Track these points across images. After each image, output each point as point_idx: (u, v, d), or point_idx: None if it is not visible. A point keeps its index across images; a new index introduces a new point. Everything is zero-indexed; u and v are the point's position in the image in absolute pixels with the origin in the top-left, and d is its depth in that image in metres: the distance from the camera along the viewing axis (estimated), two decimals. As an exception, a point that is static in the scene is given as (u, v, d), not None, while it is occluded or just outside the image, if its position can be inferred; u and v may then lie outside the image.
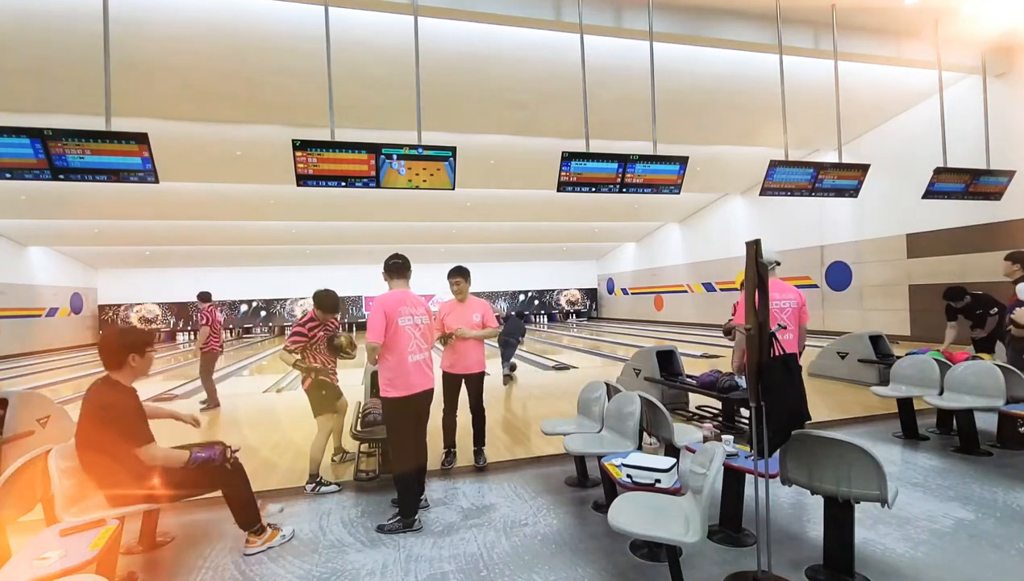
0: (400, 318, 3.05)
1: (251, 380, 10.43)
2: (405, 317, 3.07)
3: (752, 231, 14.70)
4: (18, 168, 3.88)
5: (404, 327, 3.06)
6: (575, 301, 25.88)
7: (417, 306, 3.19)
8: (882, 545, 2.66)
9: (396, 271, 3.25)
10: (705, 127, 10.00)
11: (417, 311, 3.17)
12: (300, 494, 3.56)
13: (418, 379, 3.09)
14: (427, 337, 3.23)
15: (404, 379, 3.04)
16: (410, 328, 3.09)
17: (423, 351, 3.16)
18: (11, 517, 2.36)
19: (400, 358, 3.04)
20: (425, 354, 3.18)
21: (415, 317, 3.13)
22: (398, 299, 3.12)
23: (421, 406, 3.15)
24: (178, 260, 20.37)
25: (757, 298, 2.29)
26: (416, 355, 3.10)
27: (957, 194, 6.83)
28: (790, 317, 3.55)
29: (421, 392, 3.11)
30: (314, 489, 3.58)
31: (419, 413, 3.16)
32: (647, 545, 2.62)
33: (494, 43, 6.53)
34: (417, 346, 3.11)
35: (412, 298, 3.21)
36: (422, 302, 3.26)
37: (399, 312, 3.06)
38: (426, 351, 3.19)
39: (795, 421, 2.42)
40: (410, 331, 3.08)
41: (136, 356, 2.61)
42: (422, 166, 4.67)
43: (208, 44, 6.21)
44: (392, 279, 3.27)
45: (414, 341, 3.10)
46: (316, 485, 3.59)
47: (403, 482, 3.02)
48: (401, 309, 3.07)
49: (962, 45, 7.25)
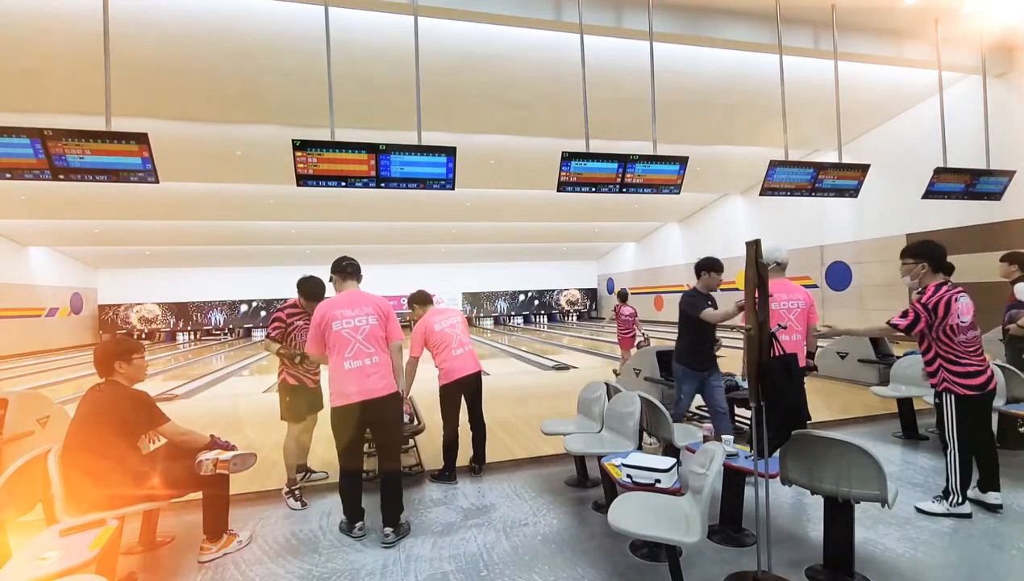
0: (335, 322, 2.89)
1: (251, 380, 10.43)
2: (337, 321, 2.89)
3: (752, 231, 14.69)
4: (18, 168, 3.87)
5: (339, 332, 2.87)
6: (575, 301, 25.88)
7: (362, 306, 2.95)
8: (882, 545, 2.66)
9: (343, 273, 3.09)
10: (705, 127, 10.00)
11: (357, 312, 2.92)
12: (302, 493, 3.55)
13: (356, 387, 2.83)
14: (373, 339, 2.91)
15: (338, 387, 2.87)
16: (348, 332, 2.87)
17: (368, 355, 2.88)
18: (11, 517, 2.36)
19: (335, 364, 2.88)
20: (369, 359, 2.87)
21: (355, 319, 2.90)
22: (334, 303, 2.95)
23: (364, 417, 2.87)
24: (178, 260, 20.37)
25: (757, 298, 2.29)
26: (354, 361, 2.86)
27: (957, 194, 6.83)
28: (798, 318, 3.52)
29: (359, 402, 2.83)
30: (287, 495, 3.43)
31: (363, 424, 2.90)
32: (647, 545, 2.62)
33: (494, 43, 6.53)
34: (358, 351, 2.87)
35: (355, 298, 2.99)
36: (369, 301, 3.00)
37: (334, 316, 2.90)
38: (374, 354, 2.90)
39: (795, 421, 2.42)
40: (348, 335, 2.87)
41: (122, 363, 2.70)
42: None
43: (208, 44, 6.21)
44: (341, 282, 3.10)
45: (353, 345, 2.87)
46: (289, 493, 3.43)
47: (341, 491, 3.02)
48: (336, 312, 2.90)
49: (962, 45, 7.24)
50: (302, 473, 3.76)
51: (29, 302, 16.46)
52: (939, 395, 3.05)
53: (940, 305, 2.89)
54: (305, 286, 3.67)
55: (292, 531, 3.05)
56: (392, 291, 23.59)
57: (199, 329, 21.87)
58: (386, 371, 2.94)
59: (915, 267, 3.05)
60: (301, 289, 3.68)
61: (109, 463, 2.51)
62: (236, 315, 22.32)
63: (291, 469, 3.53)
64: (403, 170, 4.62)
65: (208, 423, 5.86)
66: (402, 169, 4.61)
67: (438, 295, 24.25)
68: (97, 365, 2.69)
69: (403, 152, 4.58)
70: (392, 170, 4.58)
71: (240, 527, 3.02)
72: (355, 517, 2.99)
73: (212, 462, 2.65)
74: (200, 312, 21.98)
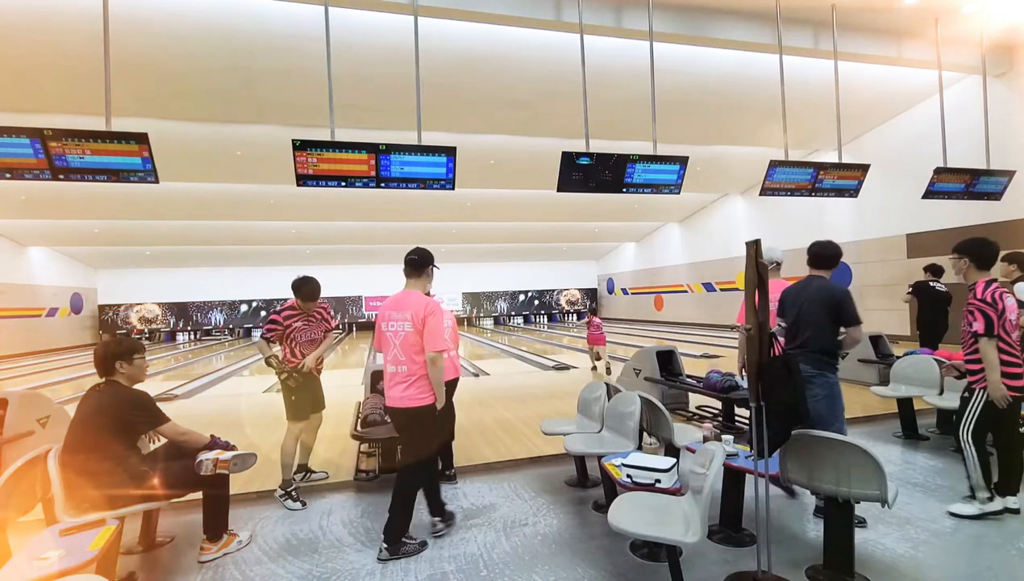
0: (383, 323, 2.86)
1: (251, 380, 10.43)
2: (385, 322, 2.84)
3: (752, 231, 14.69)
4: (18, 168, 3.87)
5: (385, 333, 2.84)
6: (575, 301, 25.89)
7: (403, 310, 2.79)
8: (882, 545, 2.66)
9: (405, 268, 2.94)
10: (705, 127, 10.00)
11: (399, 316, 2.78)
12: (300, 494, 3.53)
13: (389, 391, 2.81)
14: (407, 347, 2.75)
15: (385, 387, 2.89)
16: (390, 335, 2.81)
17: (400, 363, 2.76)
18: (11, 517, 2.36)
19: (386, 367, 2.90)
20: (400, 366, 2.76)
21: (396, 322, 2.79)
22: (388, 303, 2.89)
23: (398, 424, 2.88)
24: (178, 260, 20.38)
25: (757, 298, 2.29)
26: (391, 366, 2.81)
27: (957, 194, 6.83)
28: None
29: (392, 408, 2.82)
30: (282, 497, 3.39)
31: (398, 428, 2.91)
32: (647, 545, 2.62)
33: (494, 43, 6.53)
34: (395, 357, 2.79)
35: (402, 301, 2.84)
36: (411, 305, 2.78)
37: (381, 316, 2.88)
38: (404, 363, 2.75)
39: (795, 421, 2.42)
40: (390, 338, 2.81)
41: (124, 363, 2.70)
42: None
43: (208, 44, 6.21)
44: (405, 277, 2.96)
45: (392, 349, 2.80)
46: (285, 494, 3.39)
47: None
48: (386, 312, 2.85)
49: (962, 45, 7.25)
50: (302, 473, 3.76)
51: (29, 302, 16.45)
52: (969, 391, 2.97)
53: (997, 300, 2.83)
54: (303, 289, 3.58)
55: (292, 531, 3.05)
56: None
57: (199, 329, 21.88)
58: (412, 382, 2.74)
59: (958, 262, 3.11)
60: (298, 292, 3.59)
61: (109, 463, 2.51)
62: (236, 315, 22.31)
63: (287, 469, 3.48)
64: (403, 170, 4.62)
65: (208, 423, 5.85)
66: (402, 169, 4.61)
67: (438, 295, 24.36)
68: (98, 365, 2.69)
69: (403, 152, 4.58)
70: (392, 170, 4.58)
71: (240, 527, 3.02)
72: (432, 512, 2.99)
73: (212, 462, 2.65)
74: (200, 312, 21.98)
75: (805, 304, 3.07)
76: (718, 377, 4.76)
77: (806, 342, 3.05)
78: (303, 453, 3.76)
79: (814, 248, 3.29)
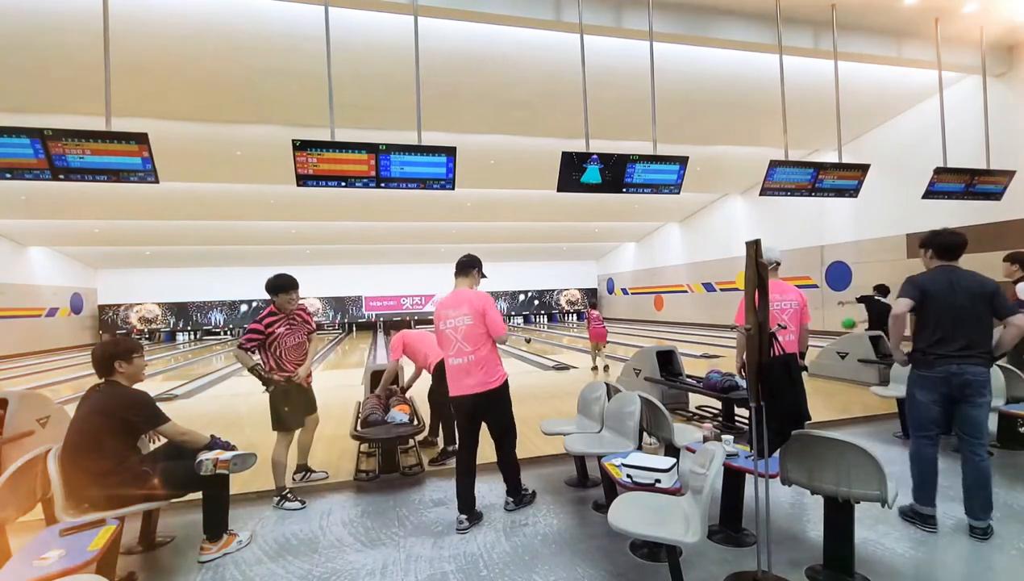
0: (441, 322, 3.14)
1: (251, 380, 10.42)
2: (444, 320, 3.13)
3: (752, 231, 14.70)
4: (18, 168, 3.87)
5: (444, 331, 3.12)
6: (575, 301, 25.88)
7: (460, 306, 3.10)
8: (882, 545, 2.66)
9: (457, 269, 3.29)
10: (705, 127, 10.00)
11: (457, 312, 3.09)
12: (300, 494, 3.53)
13: (458, 382, 3.09)
14: (471, 338, 3.05)
15: (451, 381, 3.14)
16: (450, 331, 3.10)
17: (465, 354, 3.07)
18: (11, 517, 2.36)
19: (446, 360, 3.15)
20: (467, 357, 3.06)
21: (455, 319, 3.10)
22: (443, 303, 3.19)
23: (466, 408, 3.11)
24: (178, 260, 20.38)
25: (757, 298, 2.29)
26: (455, 359, 3.09)
27: (957, 194, 6.83)
28: (791, 318, 3.53)
29: (460, 396, 3.09)
30: (279, 503, 3.37)
31: (467, 414, 3.14)
32: (647, 545, 2.62)
33: (494, 43, 6.53)
34: (459, 349, 3.07)
35: (457, 298, 3.15)
36: (466, 300, 3.10)
37: (439, 315, 3.16)
38: (470, 353, 3.06)
39: (795, 421, 2.42)
40: (450, 334, 3.10)
41: (123, 363, 2.70)
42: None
43: (208, 44, 6.21)
44: (455, 278, 3.28)
45: (455, 344, 3.08)
46: (281, 499, 3.37)
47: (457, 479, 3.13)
48: (442, 312, 3.15)
49: (962, 45, 7.25)
50: (302, 473, 3.76)
51: (29, 302, 16.46)
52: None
53: None
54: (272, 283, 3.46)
55: (292, 531, 3.05)
56: (392, 291, 23.75)
57: (199, 329, 21.88)
58: (484, 367, 3.07)
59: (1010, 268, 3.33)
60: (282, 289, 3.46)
61: (109, 463, 2.51)
62: (236, 315, 22.32)
63: (280, 477, 3.43)
64: (403, 170, 4.61)
65: (208, 423, 5.86)
66: (402, 169, 4.61)
67: (438, 295, 24.36)
68: (97, 365, 2.69)
69: (403, 152, 4.58)
70: (392, 170, 4.58)
71: (240, 527, 3.03)
72: (462, 508, 3.06)
73: (212, 462, 2.65)
74: (200, 312, 21.99)
75: (960, 299, 2.71)
76: (718, 377, 4.76)
77: (975, 342, 2.70)
78: (301, 453, 3.75)
79: (946, 238, 2.89)
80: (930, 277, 2.84)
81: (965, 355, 2.70)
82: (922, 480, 2.86)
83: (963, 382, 2.71)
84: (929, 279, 2.83)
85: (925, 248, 2.98)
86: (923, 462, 2.86)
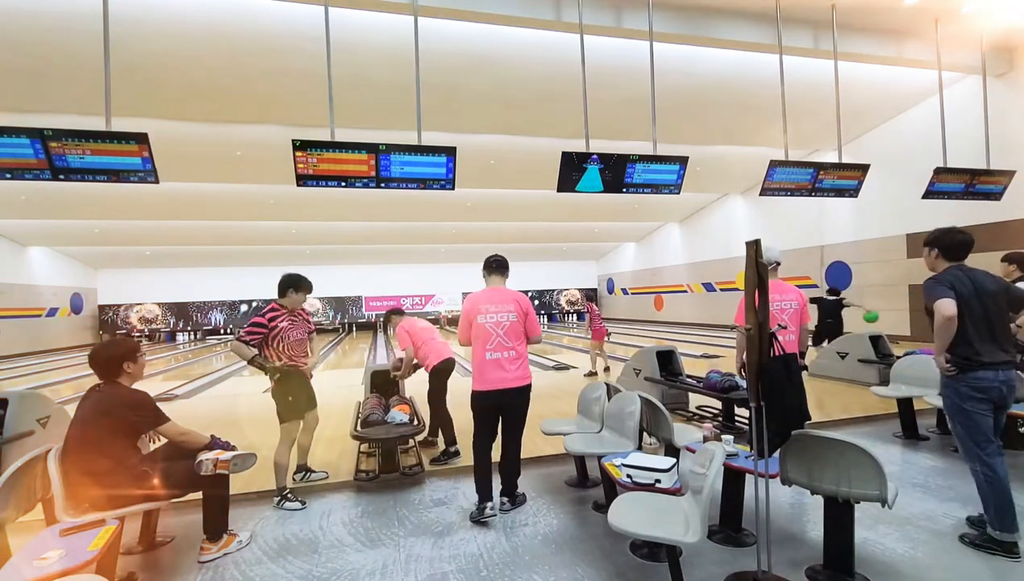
0: (479, 315, 3.15)
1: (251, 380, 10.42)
2: (484, 314, 3.15)
3: (752, 231, 14.69)
4: (18, 168, 3.87)
5: (483, 325, 3.14)
6: (575, 301, 25.88)
7: (504, 303, 3.18)
8: (882, 545, 2.66)
9: (488, 269, 3.35)
10: (705, 127, 10.00)
11: (500, 308, 3.17)
12: (300, 494, 3.53)
13: (492, 376, 3.11)
14: (514, 334, 3.17)
15: (479, 373, 3.14)
16: (490, 326, 3.13)
17: (507, 348, 3.13)
18: (11, 517, 2.36)
19: (478, 353, 3.15)
20: (507, 352, 3.13)
21: (497, 314, 3.15)
22: (480, 297, 3.22)
23: (494, 401, 3.14)
24: (178, 260, 20.38)
25: (757, 298, 2.29)
26: (495, 353, 3.12)
27: (957, 194, 6.83)
28: (791, 318, 3.53)
29: (491, 390, 3.11)
30: (279, 503, 3.35)
31: (498, 408, 3.17)
32: (647, 545, 2.63)
33: (494, 43, 6.53)
34: (499, 344, 3.12)
35: (501, 295, 3.22)
36: (512, 298, 3.22)
37: (479, 310, 3.16)
38: (511, 348, 3.14)
39: (795, 421, 2.42)
40: (490, 329, 3.13)
41: (130, 363, 2.73)
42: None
43: (208, 44, 6.21)
44: (488, 276, 3.35)
45: (494, 338, 3.12)
46: (281, 499, 3.36)
47: (475, 470, 3.18)
48: (482, 306, 3.17)
49: (962, 45, 7.24)
50: (302, 473, 3.76)
51: (29, 302, 16.46)
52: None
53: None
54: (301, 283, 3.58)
55: (292, 531, 3.05)
56: (392, 291, 23.74)
57: (199, 329, 21.88)
58: (522, 363, 3.19)
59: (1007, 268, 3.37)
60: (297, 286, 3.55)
61: (109, 463, 2.51)
62: (236, 315, 22.31)
63: (281, 476, 3.43)
64: (403, 170, 4.62)
65: (208, 423, 5.85)
66: (402, 169, 4.61)
67: (438, 295, 24.36)
68: (103, 368, 2.67)
69: (403, 152, 4.58)
70: (392, 170, 4.58)
71: (240, 527, 3.03)
72: (483, 497, 3.11)
73: (212, 462, 2.65)
74: (200, 312, 21.99)
75: (985, 296, 2.64)
76: (718, 377, 4.76)
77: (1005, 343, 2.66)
78: (300, 453, 3.75)
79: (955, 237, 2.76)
80: (953, 277, 2.66)
81: (1004, 359, 2.61)
82: (1000, 503, 2.54)
83: (1009, 386, 2.60)
84: (955, 279, 2.65)
85: (930, 247, 2.83)
86: (998, 482, 2.54)
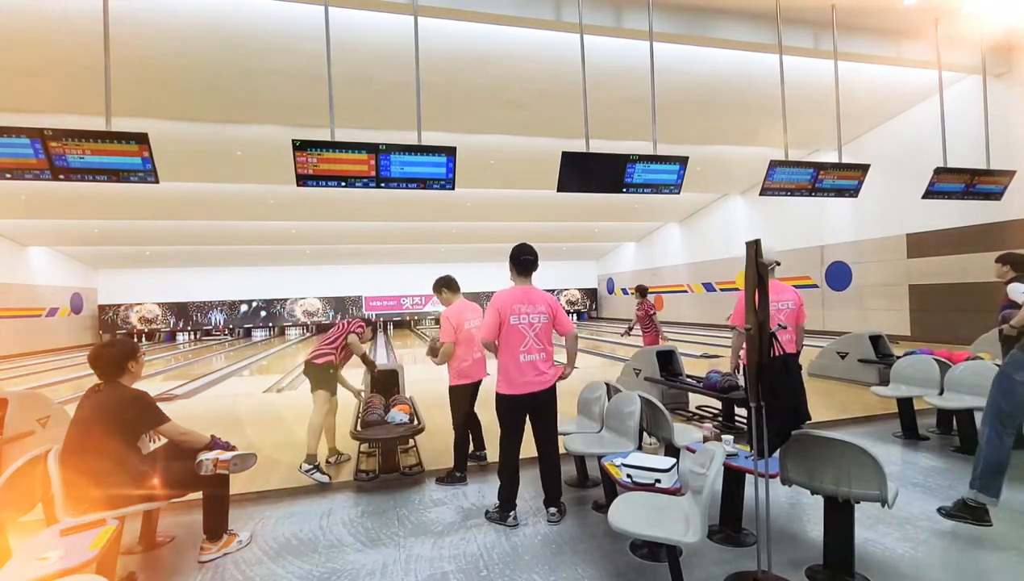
0: (512, 316, 3.02)
1: (251, 380, 10.43)
2: (517, 314, 3.03)
3: (752, 231, 14.69)
4: (18, 168, 3.87)
5: (516, 326, 3.03)
6: (575, 301, 25.87)
7: (536, 304, 3.07)
8: (882, 545, 2.66)
9: (519, 267, 3.15)
10: (705, 127, 10.00)
11: (533, 309, 3.06)
12: (300, 493, 3.55)
13: (526, 378, 3.02)
14: (545, 335, 3.09)
15: (508, 376, 3.04)
16: (523, 327, 3.03)
17: (540, 350, 3.06)
18: (11, 517, 2.36)
19: (509, 355, 3.03)
20: (540, 353, 3.06)
21: (530, 315, 3.05)
22: (513, 297, 3.06)
23: (527, 403, 3.06)
24: (178, 260, 20.37)
25: (757, 298, 2.29)
26: (529, 355, 3.03)
27: (957, 194, 6.83)
28: (788, 318, 3.56)
29: (525, 394, 3.03)
30: (309, 472, 3.56)
31: (529, 409, 3.10)
32: (647, 545, 2.62)
33: (494, 43, 6.53)
34: (531, 345, 3.03)
35: (532, 296, 3.09)
36: (542, 299, 3.11)
37: (511, 310, 3.03)
38: (543, 350, 3.07)
39: (795, 421, 2.42)
40: (523, 330, 3.03)
41: (133, 363, 2.76)
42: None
43: (208, 44, 6.21)
44: (516, 275, 3.17)
45: (527, 340, 3.03)
46: (313, 468, 3.58)
47: (503, 474, 3.10)
48: (514, 306, 3.03)
49: (962, 45, 7.24)
50: (334, 457, 4.05)
51: (29, 302, 16.45)
52: None
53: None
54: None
55: (292, 531, 3.05)
56: (392, 291, 23.75)
57: (199, 329, 21.88)
58: (551, 365, 3.13)
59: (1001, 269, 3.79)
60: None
61: (109, 463, 2.51)
62: (236, 315, 22.32)
63: (312, 445, 3.67)
64: (403, 170, 4.62)
65: (208, 423, 5.85)
66: (402, 169, 4.61)
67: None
68: (106, 368, 2.67)
69: (403, 152, 4.58)
70: (392, 170, 4.58)
71: (240, 527, 3.02)
72: (509, 506, 3.06)
73: (212, 462, 2.65)
74: (200, 312, 21.98)
75: None
76: (718, 377, 4.76)
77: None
78: (329, 436, 4.08)
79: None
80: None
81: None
82: (992, 465, 2.74)
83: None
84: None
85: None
86: (1001, 447, 2.76)
